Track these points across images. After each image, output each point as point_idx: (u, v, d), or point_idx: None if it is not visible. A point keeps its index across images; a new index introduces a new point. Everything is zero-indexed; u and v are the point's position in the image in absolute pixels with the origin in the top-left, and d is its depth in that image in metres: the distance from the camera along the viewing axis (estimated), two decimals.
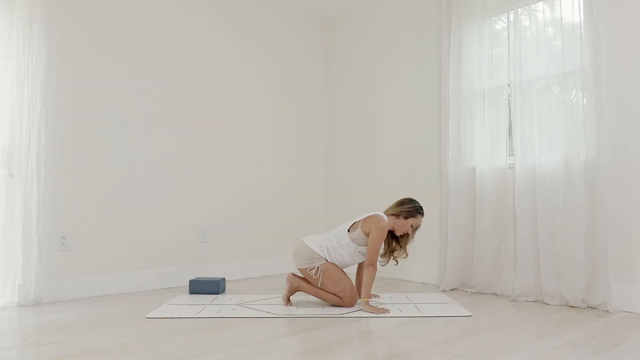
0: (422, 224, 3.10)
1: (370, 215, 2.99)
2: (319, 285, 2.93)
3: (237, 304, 3.03)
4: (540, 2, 3.25)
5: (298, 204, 4.61)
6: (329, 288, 2.92)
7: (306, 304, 3.01)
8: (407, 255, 3.11)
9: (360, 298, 2.94)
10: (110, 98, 3.54)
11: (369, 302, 2.87)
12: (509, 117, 3.40)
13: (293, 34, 4.69)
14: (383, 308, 2.83)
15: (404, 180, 4.12)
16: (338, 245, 2.95)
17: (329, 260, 2.94)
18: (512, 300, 3.15)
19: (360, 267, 3.08)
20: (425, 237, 3.92)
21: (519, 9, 3.30)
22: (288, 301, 3.00)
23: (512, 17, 3.34)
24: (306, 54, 4.78)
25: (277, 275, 4.25)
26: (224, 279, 3.58)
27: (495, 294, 3.36)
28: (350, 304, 2.93)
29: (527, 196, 3.20)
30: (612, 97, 2.94)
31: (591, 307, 2.90)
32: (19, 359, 2.06)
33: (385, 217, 2.99)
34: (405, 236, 3.06)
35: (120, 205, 3.55)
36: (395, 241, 3.09)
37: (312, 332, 2.41)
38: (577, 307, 2.91)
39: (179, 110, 3.89)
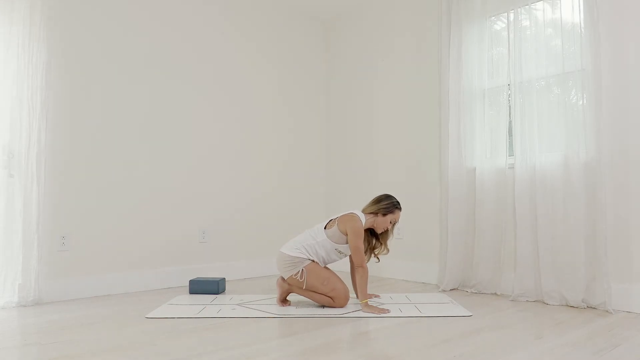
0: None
1: (345, 215, 2.98)
2: (306, 287, 2.90)
3: (237, 304, 3.03)
4: (540, 2, 3.25)
5: (298, 203, 4.61)
6: (319, 289, 2.89)
7: (306, 304, 3.01)
8: (388, 251, 3.11)
9: (358, 300, 2.93)
10: (110, 98, 3.54)
11: (368, 303, 2.86)
12: (509, 117, 3.40)
13: (293, 34, 4.69)
14: (383, 308, 2.82)
15: (404, 180, 4.12)
16: (314, 242, 2.95)
17: (309, 258, 2.93)
18: (512, 300, 3.15)
19: (354, 270, 3.05)
20: (425, 237, 3.93)
21: (519, 9, 3.30)
22: (284, 302, 3.00)
23: (512, 17, 3.34)
24: (306, 54, 4.78)
25: (277, 275, 4.25)
26: (224, 279, 3.58)
27: (495, 294, 3.36)
28: (342, 304, 2.91)
29: (527, 196, 3.20)
30: (612, 97, 2.94)
31: (591, 307, 2.90)
32: (19, 359, 2.06)
33: (361, 215, 2.98)
34: (385, 232, 3.07)
35: (120, 205, 3.55)
36: (375, 238, 3.09)
37: (312, 332, 2.41)
38: (577, 307, 2.91)
39: (179, 110, 3.89)
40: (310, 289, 2.91)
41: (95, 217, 3.43)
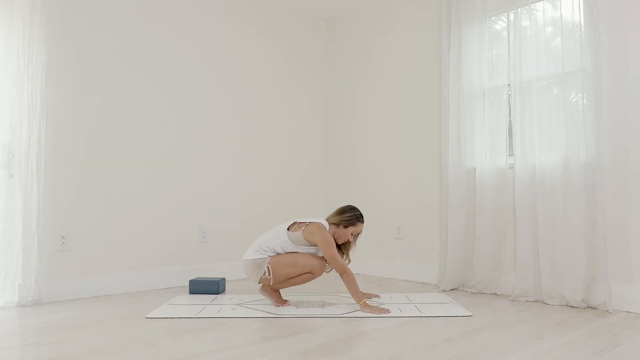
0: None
1: (312, 225, 2.96)
2: (280, 279, 2.91)
3: (237, 304, 3.03)
4: (541, 1, 3.25)
5: (298, 203, 4.60)
6: (292, 273, 2.91)
7: (306, 304, 3.01)
8: (349, 261, 3.10)
9: (357, 302, 2.87)
10: (110, 98, 3.54)
11: (367, 303, 2.84)
12: (509, 117, 3.40)
13: (293, 34, 4.69)
14: (383, 308, 2.82)
15: (404, 181, 4.13)
16: (273, 243, 2.96)
17: (269, 255, 2.94)
18: (512, 300, 3.15)
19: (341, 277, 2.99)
20: (425, 237, 3.93)
21: (519, 9, 3.30)
22: (283, 302, 2.98)
23: (512, 17, 3.34)
24: (306, 53, 4.78)
25: None
26: (224, 279, 3.59)
27: (495, 294, 3.36)
28: (320, 272, 2.94)
29: (527, 196, 3.20)
30: (612, 97, 2.94)
31: (591, 307, 2.90)
32: (19, 359, 2.06)
33: (325, 223, 3.00)
34: (347, 243, 3.08)
35: (120, 205, 3.55)
36: (338, 248, 3.06)
37: (312, 332, 2.41)
38: (577, 307, 2.91)
39: (179, 110, 3.89)
40: (285, 277, 2.92)
41: (95, 217, 3.43)
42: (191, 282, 3.44)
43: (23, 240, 3.04)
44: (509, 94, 3.40)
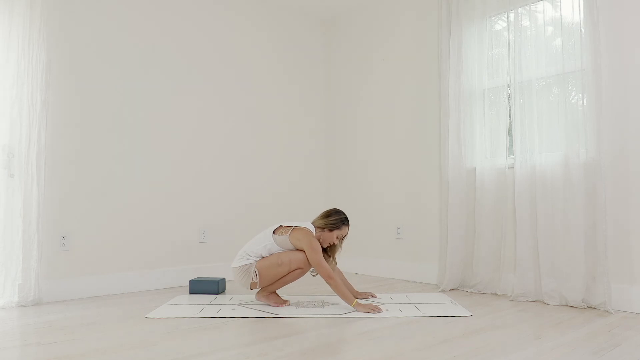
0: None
1: (299, 230, 2.96)
2: (269, 281, 2.92)
3: (237, 304, 3.03)
4: (541, 1, 3.25)
5: (298, 204, 4.61)
6: (282, 272, 2.91)
7: (306, 304, 3.01)
8: (336, 263, 3.11)
9: (349, 304, 2.87)
10: (110, 98, 3.54)
11: (359, 302, 2.83)
12: (509, 117, 3.40)
13: (293, 34, 4.69)
14: (376, 306, 2.81)
15: (404, 181, 4.13)
16: (258, 248, 2.96)
17: (255, 260, 2.94)
18: (512, 300, 3.15)
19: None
20: (425, 237, 3.93)
21: (519, 9, 3.30)
22: (282, 302, 2.98)
23: (512, 17, 3.34)
24: (306, 53, 4.78)
25: None
26: (224, 279, 3.59)
27: (495, 294, 3.36)
28: (309, 266, 2.93)
29: (527, 196, 3.20)
30: (612, 97, 2.94)
31: (591, 307, 2.90)
32: (19, 359, 2.06)
33: (311, 227, 3.01)
34: (334, 246, 3.08)
35: (121, 205, 3.55)
36: (323, 251, 3.07)
37: (312, 332, 2.41)
38: (577, 307, 2.91)
39: (180, 110, 3.89)
40: (275, 278, 2.92)
41: (95, 217, 3.43)
42: (191, 282, 3.44)
43: (23, 240, 3.04)
44: (509, 94, 3.40)
